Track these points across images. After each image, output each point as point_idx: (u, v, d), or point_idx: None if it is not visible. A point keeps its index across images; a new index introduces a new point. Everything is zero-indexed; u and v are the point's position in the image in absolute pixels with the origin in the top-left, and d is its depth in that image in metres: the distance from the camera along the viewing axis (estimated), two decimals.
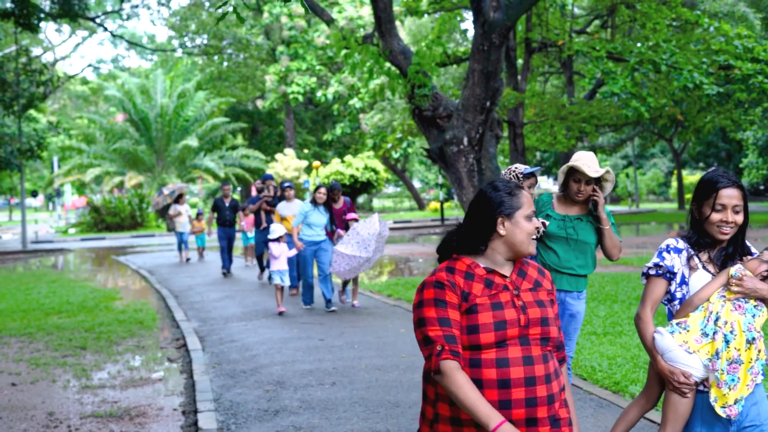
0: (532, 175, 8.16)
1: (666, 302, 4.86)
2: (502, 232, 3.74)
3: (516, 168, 8.06)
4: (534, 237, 3.86)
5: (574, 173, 7.23)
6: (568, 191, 7.31)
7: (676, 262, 4.74)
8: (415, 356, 10.63)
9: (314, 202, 15.32)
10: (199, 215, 29.16)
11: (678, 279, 4.75)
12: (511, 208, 3.75)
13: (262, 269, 20.93)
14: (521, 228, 3.75)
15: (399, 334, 12.29)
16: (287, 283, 15.45)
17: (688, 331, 4.61)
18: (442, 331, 3.57)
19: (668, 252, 4.77)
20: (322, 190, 15.40)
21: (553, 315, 3.80)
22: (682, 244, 4.79)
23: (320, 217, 15.33)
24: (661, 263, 4.76)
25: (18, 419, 8.46)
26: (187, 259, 27.83)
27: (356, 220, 15.56)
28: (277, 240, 15.30)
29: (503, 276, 3.75)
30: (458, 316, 3.61)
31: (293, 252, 15.56)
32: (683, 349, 4.58)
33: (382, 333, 12.50)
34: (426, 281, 3.73)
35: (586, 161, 7.17)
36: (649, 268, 4.81)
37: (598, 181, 7.28)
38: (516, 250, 3.76)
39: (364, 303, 15.61)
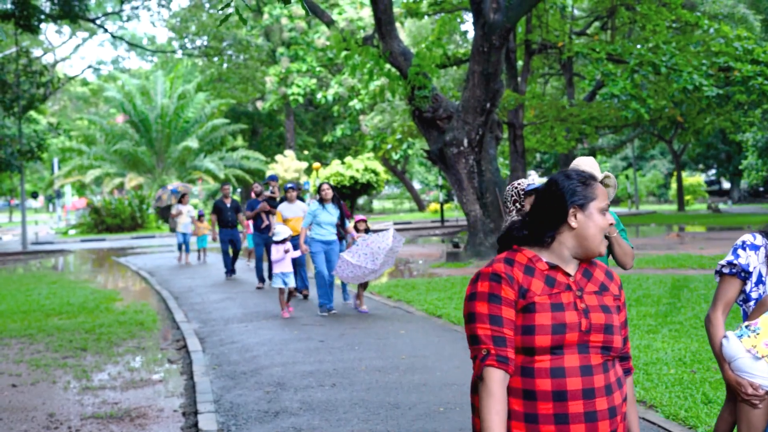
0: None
1: (741, 303, 4.66)
2: (573, 224, 3.41)
3: (519, 184, 7.94)
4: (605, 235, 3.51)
5: None
6: None
7: (752, 259, 4.54)
8: (415, 357, 10.65)
9: (321, 201, 15.05)
10: (200, 216, 28.44)
11: (754, 278, 4.54)
12: (585, 199, 3.43)
13: (261, 279, 19.93)
14: (594, 221, 3.43)
15: (399, 336, 12.31)
16: (292, 284, 14.93)
17: (758, 334, 4.38)
18: (492, 331, 3.28)
19: (743, 249, 4.57)
20: (325, 186, 15.15)
21: (619, 323, 3.46)
22: (760, 240, 4.58)
23: (329, 216, 15.02)
24: (735, 261, 4.57)
25: (18, 420, 8.48)
26: (186, 263, 27.22)
27: (364, 221, 15.35)
28: (282, 242, 14.79)
29: (567, 274, 3.43)
30: (513, 314, 3.32)
31: (298, 253, 15.22)
32: (751, 355, 4.36)
33: (382, 334, 12.51)
34: (481, 272, 3.43)
35: (584, 168, 7.14)
36: (723, 266, 4.64)
37: None
38: (585, 246, 3.43)
39: (365, 304, 15.50)
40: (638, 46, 28.94)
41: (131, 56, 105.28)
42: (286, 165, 59.97)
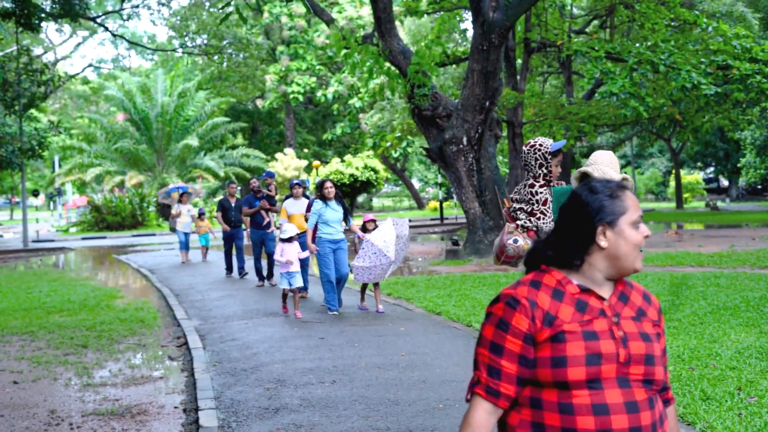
0: (559, 151, 7.20)
1: None
2: (603, 244, 3.05)
3: (541, 145, 7.12)
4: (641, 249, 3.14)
5: (587, 178, 6.71)
6: None
7: None
8: (414, 354, 10.70)
9: (323, 198, 14.66)
10: (201, 214, 28.25)
11: None
12: (614, 214, 3.05)
13: (261, 277, 19.82)
14: (627, 238, 3.05)
15: (399, 333, 12.35)
16: (299, 284, 14.59)
17: None
18: (489, 359, 3.02)
19: None
20: (328, 183, 14.79)
21: (660, 352, 3.11)
22: None
23: (334, 213, 14.64)
24: None
25: (20, 417, 8.52)
26: (184, 262, 26.96)
27: (373, 220, 14.97)
28: (289, 240, 14.44)
29: (600, 298, 3.08)
30: (519, 347, 2.98)
31: (306, 254, 14.91)
32: None
33: (382, 331, 12.55)
34: (502, 293, 3.09)
35: (601, 165, 6.69)
36: None
37: None
38: (620, 266, 3.07)
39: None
40: (637, 45, 28.98)
41: (132, 55, 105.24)
42: (286, 163, 60.04)
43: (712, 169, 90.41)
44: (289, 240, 14.42)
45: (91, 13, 38.25)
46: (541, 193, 6.97)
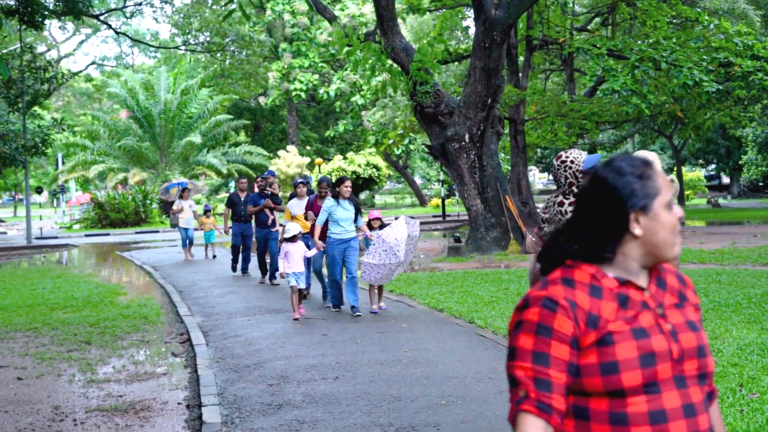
0: (593, 168, 6.50)
1: None
2: (637, 232, 2.67)
3: (573, 162, 6.39)
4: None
5: None
6: None
7: None
8: (417, 351, 10.74)
9: (337, 197, 14.18)
10: (206, 211, 27.94)
11: None
12: (647, 197, 2.67)
13: (264, 272, 19.72)
14: (663, 223, 2.68)
15: (401, 329, 12.39)
16: (303, 285, 14.24)
17: None
18: (534, 372, 2.56)
19: None
20: (348, 183, 14.29)
21: (707, 340, 2.77)
22: None
23: (345, 212, 14.12)
24: None
25: (24, 413, 8.57)
26: (190, 258, 26.82)
27: (379, 218, 14.82)
28: (292, 239, 14.05)
29: (640, 288, 2.72)
30: (567, 352, 2.58)
31: (312, 252, 14.49)
32: None
33: (384, 328, 12.59)
34: (531, 296, 2.70)
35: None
36: None
37: None
38: (658, 254, 2.70)
39: (365, 299, 15.34)
40: (639, 42, 28.97)
41: (134, 52, 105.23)
42: (289, 160, 60.05)
43: (713, 166, 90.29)
44: (292, 239, 14.04)
45: (94, 10, 38.30)
46: (571, 211, 6.28)
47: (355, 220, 14.39)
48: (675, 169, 68.02)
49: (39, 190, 66.41)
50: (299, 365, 10.19)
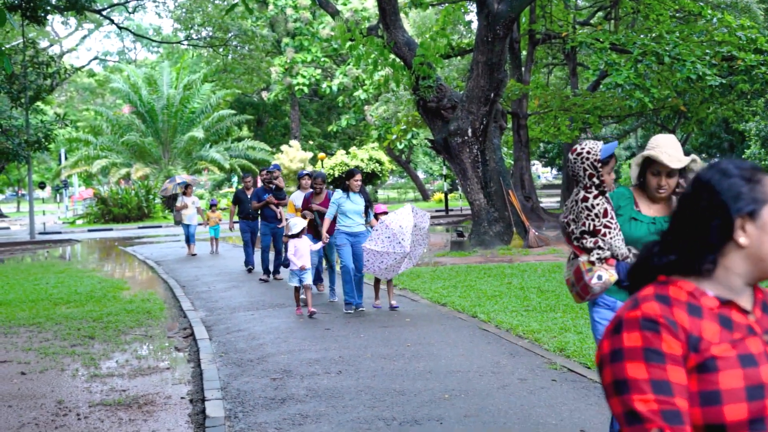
0: (611, 156, 6.06)
1: None
2: (742, 241, 2.36)
3: (589, 153, 5.95)
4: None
5: (651, 164, 5.75)
6: (647, 186, 5.85)
7: None
8: (420, 345, 10.74)
9: (347, 189, 13.79)
10: (212, 206, 27.92)
11: None
12: (755, 203, 2.36)
13: (267, 271, 19.35)
14: None
15: (404, 324, 12.39)
16: (310, 281, 13.78)
17: None
18: (659, 403, 2.21)
19: None
20: (359, 176, 13.83)
21: None
22: None
23: (354, 205, 13.72)
24: None
25: (27, 408, 8.58)
26: (193, 254, 26.30)
27: (385, 213, 14.15)
28: (298, 236, 13.64)
29: (743, 311, 2.41)
30: (684, 376, 2.26)
31: (318, 246, 14.17)
32: None
33: (387, 322, 12.60)
34: (625, 318, 2.35)
35: (666, 148, 5.68)
36: None
37: (683, 171, 5.76)
38: (764, 269, 2.38)
39: (369, 293, 15.38)
40: (641, 36, 28.93)
41: (137, 47, 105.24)
42: (291, 155, 60.02)
43: (716, 160, 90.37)
44: (298, 235, 13.64)
45: (96, 5, 38.30)
46: (598, 204, 5.83)
47: (366, 214, 13.96)
48: None
49: (42, 186, 66.55)
50: (302, 359, 10.21)
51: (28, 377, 9.96)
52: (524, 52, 38.04)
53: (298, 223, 13.83)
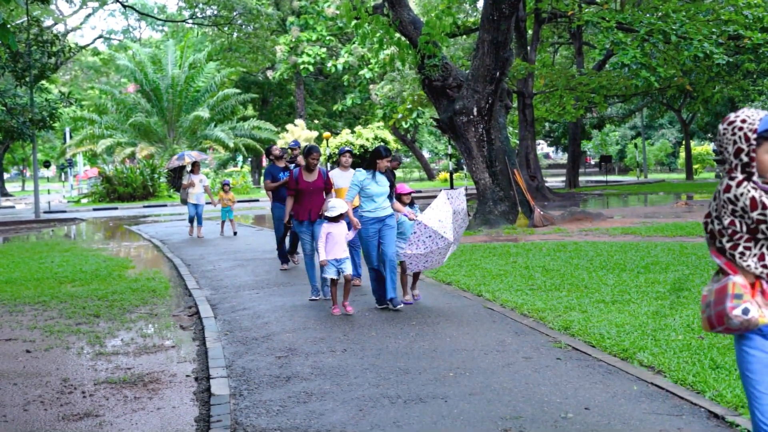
0: None
1: None
2: None
3: (744, 121, 4.47)
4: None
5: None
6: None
7: None
8: (424, 324, 10.73)
9: (372, 169, 12.26)
10: (225, 185, 26.17)
11: None
12: None
13: (284, 256, 17.24)
14: None
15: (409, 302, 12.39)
16: (349, 271, 11.91)
17: None
18: None
19: None
20: (387, 158, 12.29)
21: None
22: None
23: (379, 187, 12.21)
24: None
25: (33, 385, 8.59)
26: (199, 237, 25.00)
27: (409, 193, 12.60)
28: (336, 219, 11.85)
29: None
30: None
31: (353, 233, 12.31)
32: None
33: None
34: None
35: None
36: None
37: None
38: None
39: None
40: (648, 15, 28.83)
41: (142, 26, 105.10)
42: (297, 134, 59.99)
43: None
44: (337, 219, 11.84)
45: None
46: (744, 193, 4.34)
47: (391, 196, 12.42)
48: (683, 142, 67.94)
49: (47, 164, 66.63)
50: (307, 338, 10.20)
51: (33, 355, 9.97)
52: (530, 31, 37.98)
53: (338, 205, 11.91)
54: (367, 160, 12.34)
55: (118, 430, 7.08)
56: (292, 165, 16.93)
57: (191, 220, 25.59)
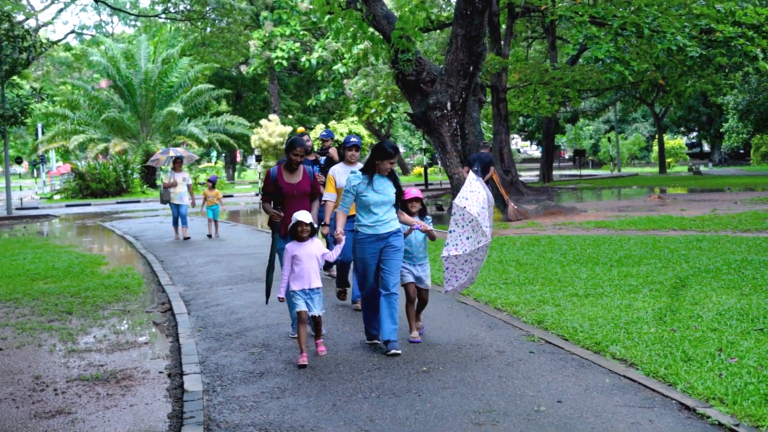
0: None
1: None
2: None
3: None
4: None
5: None
6: None
7: None
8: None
9: (370, 170, 9.39)
10: (212, 182, 24.58)
11: None
12: None
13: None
14: None
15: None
16: (319, 310, 9.04)
17: None
18: None
19: None
20: (392, 160, 9.39)
21: None
22: None
23: (379, 195, 9.30)
24: None
25: (4, 383, 8.54)
26: (186, 238, 23.44)
27: (420, 199, 9.83)
28: (300, 235, 9.06)
29: None
30: None
31: (336, 252, 9.21)
32: None
33: None
34: None
35: None
36: None
37: None
38: None
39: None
40: (620, 9, 28.89)
41: (114, 21, 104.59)
42: (271, 129, 59.92)
43: (695, 133, 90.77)
44: (300, 235, 9.08)
45: None
46: None
47: (396, 206, 9.53)
48: (656, 136, 68.28)
49: (19, 161, 66.14)
50: (281, 333, 10.20)
51: (4, 353, 9.91)
52: (503, 26, 38.01)
53: (299, 216, 9.11)
54: (366, 161, 9.45)
55: (91, 427, 7.05)
56: (323, 159, 14.70)
57: (175, 222, 24.01)
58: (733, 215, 22.84)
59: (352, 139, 11.71)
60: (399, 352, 8.97)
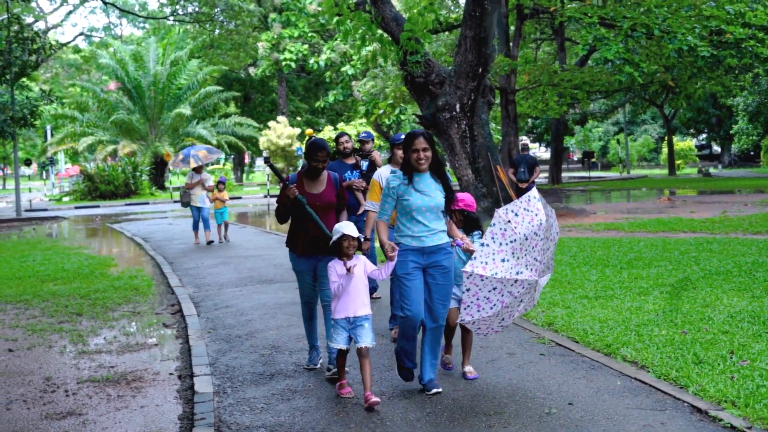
0: None
1: None
2: None
3: None
4: None
5: None
6: None
7: None
8: None
9: (409, 168, 7.61)
10: (221, 184, 23.66)
11: None
12: None
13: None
14: None
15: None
16: (367, 341, 7.49)
17: None
18: None
19: None
20: (428, 153, 7.56)
21: None
22: None
23: (424, 198, 7.52)
24: None
25: (15, 384, 8.54)
26: (210, 242, 22.59)
27: (469, 206, 8.53)
28: (345, 251, 7.61)
29: None
30: None
31: (384, 273, 7.55)
32: None
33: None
34: None
35: None
36: None
37: None
38: None
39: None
40: (630, 10, 28.83)
41: (123, 23, 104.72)
42: (279, 131, 59.91)
43: (704, 135, 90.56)
44: (345, 251, 7.62)
45: None
46: None
47: (446, 212, 7.74)
48: (666, 138, 68.14)
49: (28, 163, 66.34)
50: (291, 335, 10.20)
51: (15, 354, 9.92)
52: (512, 27, 37.95)
53: (342, 228, 7.63)
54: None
55: (102, 428, 7.05)
56: (364, 163, 12.88)
57: (195, 226, 23.23)
58: (744, 217, 22.80)
59: (403, 136, 8.74)
60: (440, 390, 7.56)
